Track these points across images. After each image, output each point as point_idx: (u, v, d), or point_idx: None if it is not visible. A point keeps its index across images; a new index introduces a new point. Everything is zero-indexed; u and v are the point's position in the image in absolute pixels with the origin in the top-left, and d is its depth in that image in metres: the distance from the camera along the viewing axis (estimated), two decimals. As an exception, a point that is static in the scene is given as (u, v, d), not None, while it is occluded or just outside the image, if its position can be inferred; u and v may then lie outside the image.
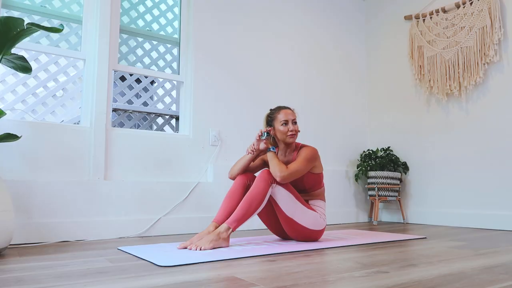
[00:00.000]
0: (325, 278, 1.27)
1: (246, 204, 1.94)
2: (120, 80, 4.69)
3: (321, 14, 3.74)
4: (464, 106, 3.21)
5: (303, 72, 3.55)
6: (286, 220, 2.05)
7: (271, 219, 2.21)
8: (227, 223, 1.91)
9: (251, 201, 1.94)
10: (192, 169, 2.84)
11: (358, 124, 3.88)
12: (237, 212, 1.93)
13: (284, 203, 2.01)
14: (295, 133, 2.14)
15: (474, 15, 3.14)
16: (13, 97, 2.95)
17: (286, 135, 2.12)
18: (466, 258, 1.66)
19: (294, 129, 2.14)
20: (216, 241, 1.87)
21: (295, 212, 2.03)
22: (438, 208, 3.32)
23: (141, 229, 2.53)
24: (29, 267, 1.47)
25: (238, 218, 1.92)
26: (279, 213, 2.05)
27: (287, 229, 2.09)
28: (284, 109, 2.18)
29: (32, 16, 2.52)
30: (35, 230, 2.20)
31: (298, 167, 2.03)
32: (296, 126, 2.16)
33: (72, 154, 2.42)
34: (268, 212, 2.17)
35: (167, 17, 3.02)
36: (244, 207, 1.94)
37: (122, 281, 1.23)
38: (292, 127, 2.13)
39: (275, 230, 2.26)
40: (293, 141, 2.16)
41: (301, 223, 2.05)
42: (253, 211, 1.95)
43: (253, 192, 1.96)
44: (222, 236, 1.89)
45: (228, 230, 1.90)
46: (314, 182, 2.17)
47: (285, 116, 2.13)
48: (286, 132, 2.12)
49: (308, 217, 2.07)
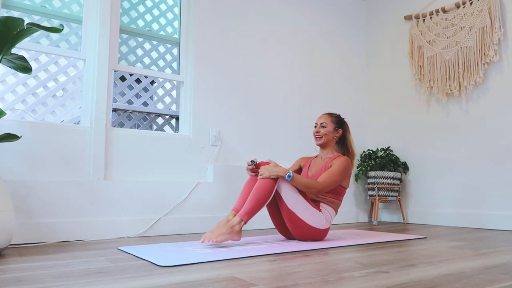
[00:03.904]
0: (325, 278, 1.27)
1: (256, 196, 2.00)
2: (120, 80, 4.69)
3: (321, 14, 3.74)
4: (464, 106, 3.21)
5: (303, 72, 3.55)
6: (288, 214, 2.07)
7: (276, 216, 2.24)
8: (239, 215, 1.97)
9: (259, 193, 2.00)
10: (192, 169, 2.84)
11: (358, 124, 3.87)
12: (248, 205, 1.99)
13: (287, 194, 2.06)
14: (320, 135, 2.31)
15: (474, 15, 3.14)
16: (13, 97, 2.95)
17: (314, 137, 2.35)
18: (466, 258, 1.66)
19: (318, 131, 2.32)
20: (229, 234, 1.93)
21: (296, 204, 2.06)
22: (438, 208, 3.32)
23: (141, 229, 2.53)
24: (29, 267, 1.47)
25: (249, 210, 1.98)
26: (281, 206, 2.08)
27: (289, 225, 2.12)
28: (320, 115, 2.40)
29: (32, 16, 2.52)
30: (35, 230, 2.20)
31: (329, 178, 2.14)
32: (324, 129, 2.32)
33: (72, 154, 2.42)
34: (273, 210, 2.22)
35: (167, 17, 3.02)
36: (254, 199, 1.99)
37: (122, 281, 1.23)
38: (318, 129, 2.32)
39: (280, 228, 2.28)
40: (319, 143, 2.34)
41: (301, 217, 2.07)
42: (263, 202, 2.01)
43: (261, 184, 2.01)
44: (235, 229, 1.95)
45: (240, 222, 1.96)
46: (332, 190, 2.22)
47: (316, 120, 2.38)
48: (314, 133, 2.35)
49: (309, 213, 2.09)
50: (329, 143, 2.34)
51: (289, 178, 2.03)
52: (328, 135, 2.31)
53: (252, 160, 2.17)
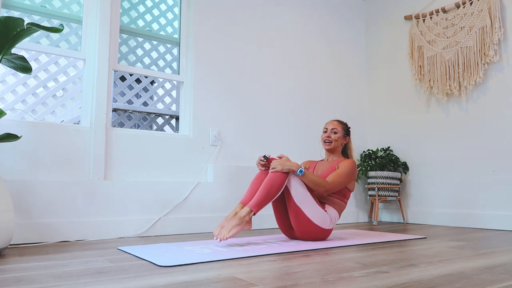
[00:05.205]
0: (325, 278, 1.27)
1: (266, 189, 2.03)
2: (120, 80, 4.69)
3: (321, 14, 3.74)
4: (464, 106, 3.21)
5: (303, 72, 3.55)
6: (294, 210, 2.09)
7: (281, 212, 2.25)
8: (249, 206, 2.01)
9: (270, 185, 2.03)
10: (192, 169, 2.85)
11: (358, 124, 3.88)
12: (258, 196, 2.02)
13: (296, 190, 2.09)
14: (331, 141, 2.37)
15: (474, 15, 3.14)
16: (13, 97, 2.95)
17: (323, 141, 2.41)
18: (466, 258, 1.66)
19: (329, 136, 2.38)
20: (239, 225, 1.96)
21: (303, 201, 2.09)
22: (438, 208, 3.32)
23: (141, 229, 2.53)
24: (29, 267, 1.47)
25: (259, 202, 2.01)
26: (288, 201, 2.11)
27: (294, 222, 2.13)
28: (330, 121, 2.47)
29: (32, 16, 2.52)
30: (35, 230, 2.20)
31: (337, 179, 2.20)
32: (335, 135, 2.39)
33: (72, 154, 2.42)
34: (279, 206, 2.24)
35: (167, 17, 3.02)
36: (264, 192, 2.02)
37: (122, 281, 1.23)
38: (328, 135, 2.38)
39: (283, 226, 2.29)
40: (328, 148, 2.39)
41: (307, 214, 2.09)
42: (273, 195, 2.04)
43: (272, 177, 2.05)
44: (245, 219, 1.98)
45: (250, 213, 2.00)
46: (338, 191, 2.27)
47: (326, 125, 2.44)
48: (323, 138, 2.41)
49: (316, 211, 2.12)
50: (337, 149, 2.43)
51: (301, 173, 2.08)
52: (338, 141, 2.41)
53: (264, 155, 2.20)
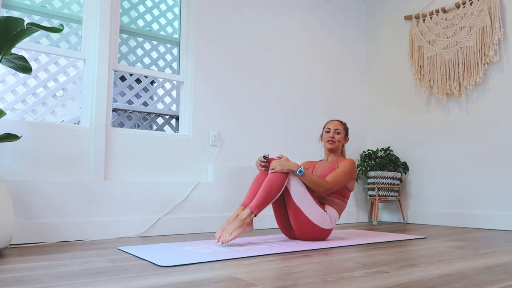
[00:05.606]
0: (325, 278, 1.27)
1: (266, 190, 2.04)
2: (120, 80, 4.69)
3: (321, 14, 3.74)
4: (464, 106, 3.21)
5: (302, 72, 3.55)
6: (294, 211, 2.10)
7: (281, 213, 2.26)
8: (249, 207, 2.01)
9: (270, 186, 2.04)
10: (192, 169, 2.85)
11: (358, 124, 3.88)
12: (258, 198, 2.03)
13: (295, 190, 2.09)
14: (334, 141, 2.39)
15: (474, 15, 3.14)
16: (13, 97, 2.95)
17: (326, 141, 2.41)
18: (466, 258, 1.66)
19: (333, 136, 2.39)
20: (240, 227, 1.97)
21: (303, 201, 2.10)
22: (438, 208, 3.32)
23: (141, 229, 2.53)
24: (29, 267, 1.47)
25: (260, 203, 2.02)
26: (288, 202, 2.11)
27: (294, 222, 2.13)
28: (331, 121, 2.49)
29: (32, 16, 2.53)
30: (35, 230, 2.20)
31: (336, 178, 2.21)
32: (339, 136, 2.41)
33: (72, 154, 2.42)
34: (279, 206, 2.24)
35: (167, 17, 3.02)
36: (265, 193, 2.03)
37: (122, 281, 1.23)
38: (332, 135, 2.40)
39: (283, 226, 2.29)
40: (331, 147, 2.40)
41: (307, 214, 2.10)
42: (273, 196, 2.05)
43: (272, 178, 2.05)
44: (246, 221, 1.99)
45: (251, 215, 2.01)
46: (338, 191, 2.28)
47: (329, 125, 2.45)
48: (326, 138, 2.42)
49: (315, 211, 2.12)
50: (338, 149, 2.46)
51: (300, 173, 2.09)
52: (340, 142, 2.44)
53: (264, 156, 2.21)
